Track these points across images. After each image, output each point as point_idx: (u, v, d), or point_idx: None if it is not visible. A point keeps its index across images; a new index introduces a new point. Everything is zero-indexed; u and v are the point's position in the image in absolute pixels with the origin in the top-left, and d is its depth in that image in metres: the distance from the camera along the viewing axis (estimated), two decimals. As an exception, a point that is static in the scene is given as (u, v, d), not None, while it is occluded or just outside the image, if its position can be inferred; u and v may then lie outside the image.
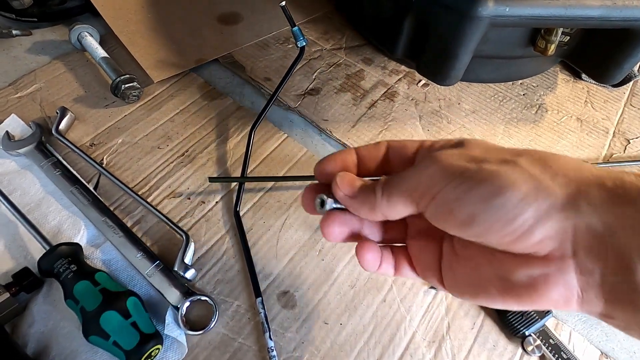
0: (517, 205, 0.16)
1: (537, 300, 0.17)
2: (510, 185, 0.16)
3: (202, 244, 0.36)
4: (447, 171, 0.17)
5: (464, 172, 0.17)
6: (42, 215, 0.36)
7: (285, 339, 0.32)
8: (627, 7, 0.35)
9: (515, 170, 0.16)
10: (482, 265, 0.19)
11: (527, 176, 0.16)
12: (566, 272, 0.16)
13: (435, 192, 0.17)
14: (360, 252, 0.21)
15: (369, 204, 0.19)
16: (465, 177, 0.17)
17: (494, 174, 0.16)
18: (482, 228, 0.17)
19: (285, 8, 0.39)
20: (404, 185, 0.19)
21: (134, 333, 0.28)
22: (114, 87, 0.43)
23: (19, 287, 0.30)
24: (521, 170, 0.16)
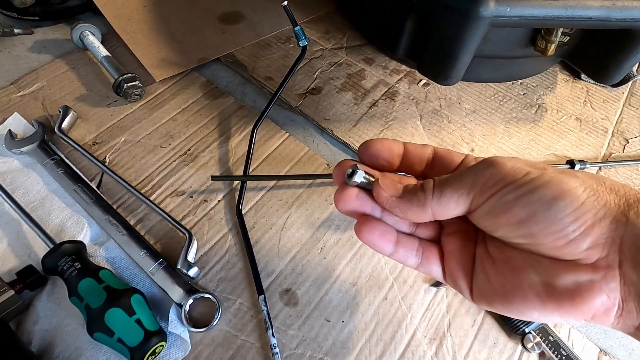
0: (577, 209, 0.17)
1: (579, 306, 0.17)
2: (573, 191, 0.17)
3: (205, 242, 0.36)
4: (510, 171, 0.18)
5: (528, 174, 0.18)
6: (45, 214, 0.36)
7: (287, 336, 0.32)
8: (626, 7, 0.35)
9: (576, 180, 0.17)
10: (523, 270, 0.19)
11: (586, 185, 0.17)
12: (611, 281, 0.17)
13: (496, 190, 0.18)
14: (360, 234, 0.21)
15: (418, 202, 0.20)
16: (529, 180, 0.18)
17: (557, 180, 0.17)
18: (538, 227, 0.17)
19: (287, 8, 0.39)
20: (461, 182, 0.19)
21: (138, 330, 0.28)
22: (116, 86, 0.43)
23: (23, 284, 0.30)
24: (581, 180, 0.18)
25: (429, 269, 0.22)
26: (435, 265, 0.22)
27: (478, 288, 0.21)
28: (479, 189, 0.19)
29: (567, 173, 0.18)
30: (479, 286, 0.20)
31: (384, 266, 0.36)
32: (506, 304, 0.19)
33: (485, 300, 0.20)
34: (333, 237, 0.37)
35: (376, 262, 0.36)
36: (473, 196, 0.19)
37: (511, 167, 0.18)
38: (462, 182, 0.19)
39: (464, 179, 0.19)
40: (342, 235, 0.37)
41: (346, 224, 0.38)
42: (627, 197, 0.17)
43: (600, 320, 0.17)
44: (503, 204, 0.18)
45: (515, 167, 0.18)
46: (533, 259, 0.18)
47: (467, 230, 0.22)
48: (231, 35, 0.52)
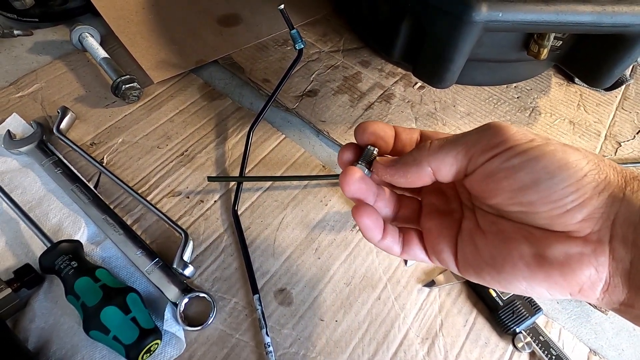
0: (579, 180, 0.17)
1: (568, 278, 0.18)
2: (577, 162, 0.17)
3: (201, 242, 0.36)
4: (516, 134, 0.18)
5: (533, 140, 0.18)
6: (43, 213, 0.36)
7: (281, 335, 0.32)
8: (616, 13, 0.36)
9: (579, 152, 0.18)
10: (514, 240, 0.19)
11: (589, 159, 0.17)
12: (600, 255, 0.17)
13: (499, 151, 0.18)
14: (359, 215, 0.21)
15: (414, 160, 0.20)
16: (535, 146, 0.17)
17: (561, 150, 0.17)
18: (539, 196, 0.17)
19: (283, 11, 0.40)
20: (462, 140, 0.19)
21: (133, 328, 0.28)
22: (114, 87, 0.44)
23: (21, 283, 0.31)
24: (584, 153, 0.18)
25: (413, 254, 0.23)
26: (417, 248, 0.23)
27: (465, 259, 0.21)
28: (480, 148, 0.18)
29: (570, 145, 0.18)
30: (466, 257, 0.21)
31: (378, 266, 0.36)
32: (495, 274, 0.20)
33: (473, 270, 0.21)
34: (327, 237, 0.38)
35: (370, 262, 0.36)
36: (472, 155, 0.19)
37: (516, 131, 0.18)
38: (463, 139, 0.19)
39: (465, 137, 0.19)
40: (337, 236, 0.38)
41: (340, 225, 0.38)
42: (625, 175, 0.18)
43: (586, 294, 0.18)
44: (507, 168, 0.18)
45: (520, 132, 0.18)
46: (525, 230, 0.19)
47: (445, 207, 0.23)
48: (229, 37, 0.53)
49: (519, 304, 0.33)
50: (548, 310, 0.36)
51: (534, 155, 0.17)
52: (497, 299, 0.34)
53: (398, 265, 0.36)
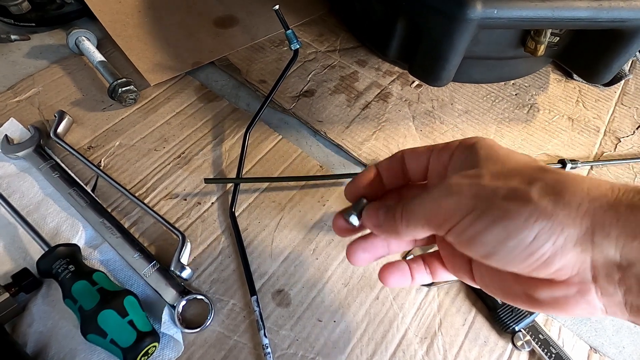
0: (531, 244, 0.16)
1: (563, 312, 0.18)
2: (522, 227, 0.16)
3: (198, 244, 0.36)
4: (461, 204, 0.18)
5: (476, 208, 0.17)
6: (41, 217, 0.36)
7: (279, 337, 0.32)
8: (613, 8, 0.35)
9: (527, 208, 0.16)
10: (508, 280, 0.19)
11: (539, 213, 0.16)
12: (587, 294, 0.17)
13: (452, 223, 0.18)
14: (387, 282, 0.23)
15: (394, 231, 0.21)
16: (479, 216, 0.17)
17: (507, 215, 0.16)
18: (500, 263, 0.17)
19: (278, 12, 0.40)
20: (421, 213, 0.19)
21: (131, 331, 0.28)
22: (111, 90, 0.44)
23: (19, 287, 0.31)
24: (533, 207, 0.16)
25: (442, 277, 0.24)
26: (443, 271, 0.24)
27: (480, 279, 0.21)
28: (438, 221, 0.19)
29: (520, 198, 0.16)
30: (481, 279, 0.21)
31: (376, 267, 0.36)
32: (505, 299, 0.20)
33: (489, 290, 0.21)
34: (325, 238, 0.37)
35: (368, 262, 0.36)
36: (436, 226, 0.19)
37: (461, 200, 0.18)
38: (422, 212, 0.19)
39: (422, 208, 0.19)
40: (335, 236, 0.38)
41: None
42: (593, 213, 0.16)
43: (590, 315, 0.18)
44: (463, 237, 0.18)
45: (464, 200, 0.18)
46: (514, 275, 0.19)
47: None
48: (225, 39, 0.53)
49: (518, 303, 0.33)
50: (548, 308, 0.35)
51: (482, 226, 0.17)
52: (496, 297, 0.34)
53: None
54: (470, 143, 0.20)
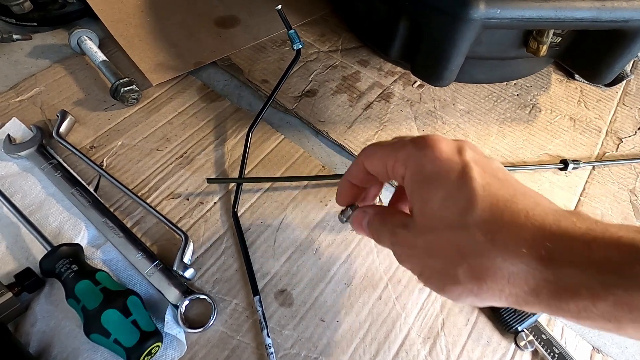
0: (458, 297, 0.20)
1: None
2: (457, 298, 0.20)
3: (201, 243, 0.36)
4: (411, 267, 0.22)
5: (422, 274, 0.21)
6: (43, 217, 0.36)
7: (282, 337, 0.32)
8: (616, 8, 0.35)
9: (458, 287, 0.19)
10: None
11: (468, 292, 0.19)
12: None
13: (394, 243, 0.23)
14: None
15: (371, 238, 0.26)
16: (424, 281, 0.21)
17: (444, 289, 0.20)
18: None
19: (281, 11, 0.40)
20: (386, 245, 0.24)
21: (134, 331, 0.28)
22: (113, 90, 0.44)
23: (21, 287, 0.31)
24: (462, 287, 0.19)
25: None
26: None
27: None
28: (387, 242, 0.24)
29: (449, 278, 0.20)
30: None
31: (379, 266, 0.36)
32: None
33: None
34: (328, 238, 0.37)
35: (370, 262, 0.36)
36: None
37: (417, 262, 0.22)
38: (386, 246, 0.24)
39: (388, 244, 0.24)
40: (337, 236, 0.38)
41: (341, 225, 0.38)
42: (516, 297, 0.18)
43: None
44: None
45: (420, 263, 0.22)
46: None
47: None
48: (227, 38, 0.53)
49: (521, 303, 0.33)
50: (550, 308, 0.35)
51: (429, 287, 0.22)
52: (499, 297, 0.34)
53: (399, 265, 0.36)
54: (413, 172, 0.22)
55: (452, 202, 0.19)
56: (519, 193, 0.19)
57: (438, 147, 0.21)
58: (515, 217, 0.18)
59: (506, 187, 0.19)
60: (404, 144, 0.22)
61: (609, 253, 0.16)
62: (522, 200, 0.18)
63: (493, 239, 0.18)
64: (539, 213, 0.18)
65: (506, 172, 0.20)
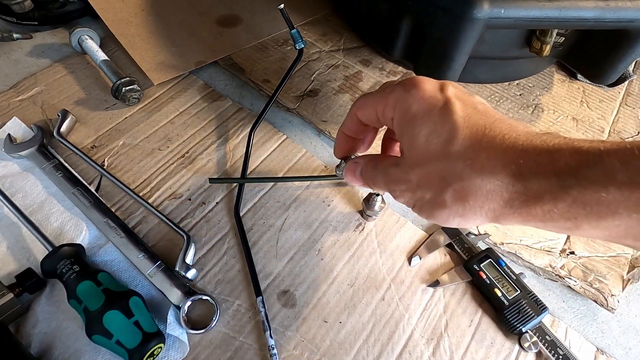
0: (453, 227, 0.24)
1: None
2: (445, 221, 0.22)
3: (203, 244, 0.36)
4: (404, 200, 0.24)
5: (415, 205, 0.24)
6: (44, 217, 0.36)
7: (285, 338, 0.32)
8: (620, 8, 0.35)
9: (445, 211, 0.22)
10: None
11: (454, 214, 0.22)
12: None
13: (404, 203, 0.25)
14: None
15: (365, 186, 0.29)
16: (418, 210, 0.24)
17: (433, 215, 0.23)
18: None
19: (283, 10, 0.40)
20: (381, 186, 0.26)
21: (136, 332, 0.28)
22: (114, 89, 0.44)
23: (23, 288, 0.31)
24: (449, 210, 0.22)
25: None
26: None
27: None
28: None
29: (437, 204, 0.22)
30: None
31: (381, 267, 0.36)
32: None
33: None
34: (330, 238, 0.37)
35: (373, 262, 0.36)
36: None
37: (409, 196, 0.24)
38: (381, 186, 0.26)
39: (382, 185, 0.26)
40: (340, 236, 0.37)
41: (343, 225, 0.38)
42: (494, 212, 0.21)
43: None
44: None
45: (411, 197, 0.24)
46: None
47: None
48: (229, 38, 0.53)
49: (525, 304, 0.33)
50: (554, 309, 0.35)
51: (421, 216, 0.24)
52: (503, 298, 0.33)
53: (402, 266, 0.36)
54: (400, 114, 0.23)
55: (436, 136, 0.21)
56: (496, 120, 0.21)
57: (422, 86, 0.23)
58: (492, 141, 0.20)
59: (485, 117, 0.21)
60: (393, 89, 0.24)
61: (568, 160, 0.18)
62: (499, 125, 0.20)
63: (472, 163, 0.20)
64: (514, 135, 0.20)
65: (486, 104, 0.22)
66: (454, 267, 0.36)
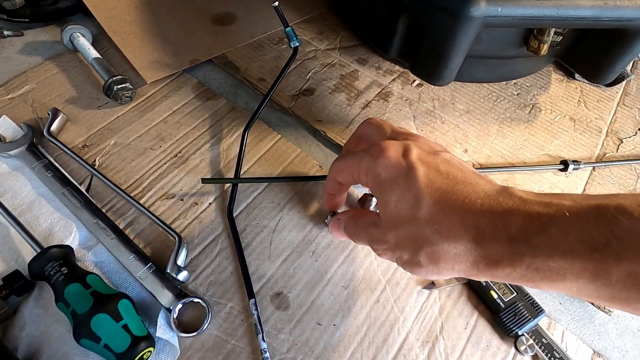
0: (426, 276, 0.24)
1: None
2: (425, 276, 0.24)
3: (195, 245, 0.36)
4: (386, 256, 0.27)
5: (398, 260, 0.26)
6: (33, 218, 0.35)
7: (278, 341, 0.31)
8: (618, 7, 0.35)
9: (422, 269, 0.24)
10: None
11: (430, 272, 0.23)
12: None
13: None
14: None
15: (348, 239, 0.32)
16: (401, 264, 0.25)
17: (414, 271, 0.25)
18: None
19: (278, 8, 0.39)
20: (363, 242, 0.30)
21: (125, 336, 0.27)
22: (106, 88, 0.43)
23: (10, 290, 0.30)
24: (425, 269, 0.23)
25: None
26: None
27: None
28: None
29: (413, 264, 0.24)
30: None
31: (377, 268, 0.35)
32: None
33: None
34: (325, 239, 0.37)
35: (368, 264, 0.36)
36: None
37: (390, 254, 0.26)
38: (364, 242, 0.29)
39: (364, 242, 0.29)
40: (334, 238, 0.37)
41: (338, 226, 0.38)
42: (465, 271, 0.22)
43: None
44: None
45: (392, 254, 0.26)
46: None
47: None
48: (223, 36, 0.52)
49: (521, 306, 0.33)
50: (550, 312, 0.35)
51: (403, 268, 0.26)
52: (499, 300, 0.33)
53: (397, 267, 0.36)
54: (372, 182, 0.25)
55: (404, 202, 0.23)
56: (459, 182, 0.22)
57: (387, 154, 0.24)
58: (453, 206, 0.21)
59: (448, 179, 0.22)
60: (362, 156, 0.26)
61: (520, 225, 0.19)
62: (462, 189, 0.21)
63: (439, 229, 0.21)
64: (473, 198, 0.21)
65: (449, 164, 0.23)
66: (449, 269, 0.36)
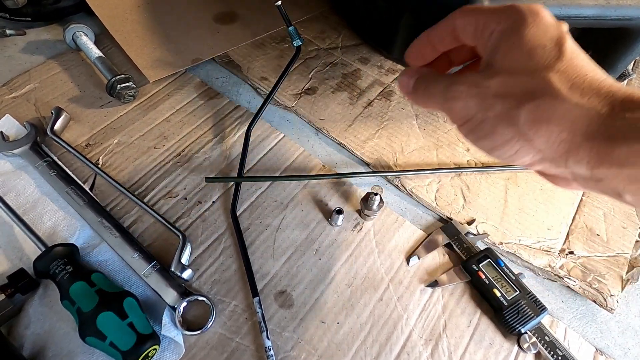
0: (512, 156, 0.20)
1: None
2: (505, 144, 0.20)
3: (199, 244, 0.36)
4: (463, 110, 0.21)
5: (475, 118, 0.20)
6: (37, 216, 0.35)
7: (282, 339, 0.32)
8: (620, 6, 0.35)
9: (511, 129, 0.19)
10: None
11: (520, 136, 0.19)
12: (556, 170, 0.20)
13: (457, 123, 0.22)
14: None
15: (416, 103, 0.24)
16: (475, 127, 0.20)
17: (494, 132, 0.20)
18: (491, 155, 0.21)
19: (281, 7, 0.39)
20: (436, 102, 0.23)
21: (130, 333, 0.28)
22: (109, 87, 0.43)
23: (15, 288, 0.30)
24: (516, 130, 0.19)
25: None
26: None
27: None
28: (446, 114, 0.22)
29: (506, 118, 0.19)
30: None
31: (380, 267, 0.36)
32: None
33: None
34: (328, 238, 0.37)
35: (372, 263, 0.36)
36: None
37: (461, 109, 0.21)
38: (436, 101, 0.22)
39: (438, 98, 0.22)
40: (338, 236, 0.37)
41: (341, 226, 0.38)
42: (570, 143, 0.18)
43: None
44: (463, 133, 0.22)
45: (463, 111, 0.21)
46: None
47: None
48: (226, 35, 0.52)
49: (524, 304, 0.33)
50: (553, 310, 0.35)
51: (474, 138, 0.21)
52: (502, 298, 0.33)
53: (400, 266, 0.36)
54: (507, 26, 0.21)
55: (541, 52, 0.19)
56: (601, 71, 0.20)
57: (542, 13, 0.21)
58: (595, 78, 0.18)
59: (592, 64, 0.20)
60: (508, 7, 0.22)
61: None
62: (603, 74, 0.19)
63: (572, 85, 0.18)
64: (617, 85, 0.19)
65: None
66: (452, 267, 0.36)
